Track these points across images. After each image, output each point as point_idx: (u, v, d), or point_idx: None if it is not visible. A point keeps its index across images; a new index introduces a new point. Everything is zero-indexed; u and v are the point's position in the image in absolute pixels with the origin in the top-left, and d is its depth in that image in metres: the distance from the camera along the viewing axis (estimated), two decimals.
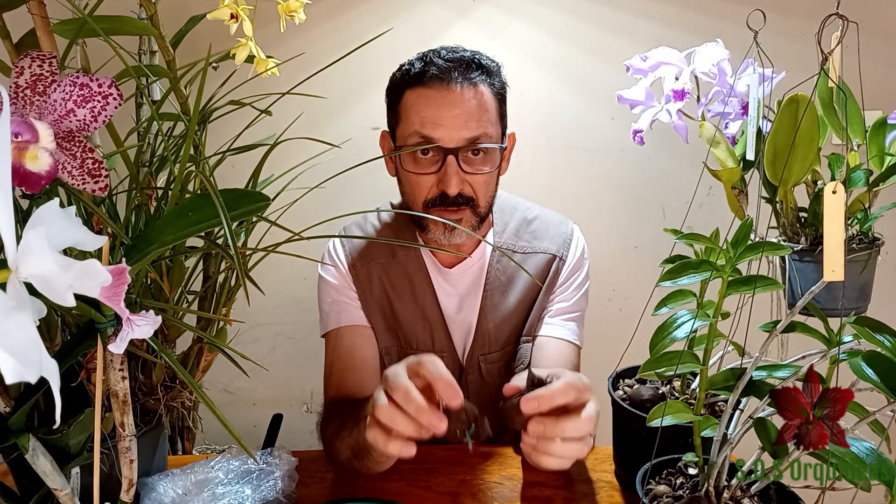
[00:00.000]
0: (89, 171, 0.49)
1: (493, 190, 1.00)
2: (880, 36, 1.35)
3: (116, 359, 0.57)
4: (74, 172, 0.48)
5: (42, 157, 0.45)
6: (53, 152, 0.46)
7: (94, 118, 0.48)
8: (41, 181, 0.45)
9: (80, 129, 0.48)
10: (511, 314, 1.05)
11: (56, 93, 0.47)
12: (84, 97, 0.47)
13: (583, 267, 1.07)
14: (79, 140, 0.48)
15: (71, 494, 0.61)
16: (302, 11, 0.72)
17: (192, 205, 0.54)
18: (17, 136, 0.44)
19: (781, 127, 0.73)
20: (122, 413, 0.59)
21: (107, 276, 0.40)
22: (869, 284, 0.81)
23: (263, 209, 0.56)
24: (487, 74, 0.96)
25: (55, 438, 0.61)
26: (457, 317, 1.06)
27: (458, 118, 0.92)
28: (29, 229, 0.37)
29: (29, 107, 0.46)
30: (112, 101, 0.48)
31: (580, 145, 1.44)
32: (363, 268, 1.05)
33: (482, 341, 1.05)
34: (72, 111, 0.47)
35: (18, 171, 0.44)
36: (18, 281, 0.37)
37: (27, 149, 0.44)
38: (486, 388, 1.07)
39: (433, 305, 1.05)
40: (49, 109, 0.47)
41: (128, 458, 0.61)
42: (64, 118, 0.47)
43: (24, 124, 0.45)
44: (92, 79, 0.48)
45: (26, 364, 0.32)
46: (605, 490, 0.90)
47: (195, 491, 0.74)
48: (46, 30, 0.56)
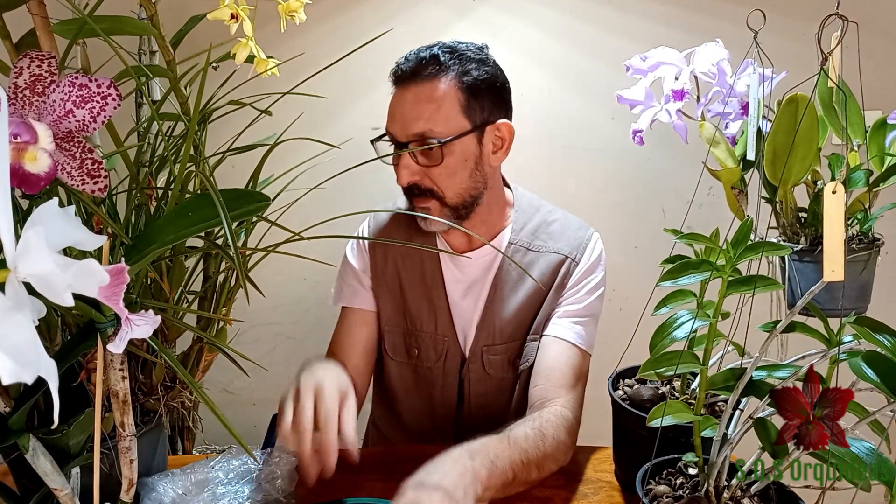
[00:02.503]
0: (88, 172, 0.49)
1: (461, 182, 0.99)
2: (880, 36, 1.35)
3: (116, 359, 0.57)
4: (74, 173, 0.48)
5: (41, 158, 0.45)
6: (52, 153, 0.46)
7: (94, 119, 0.48)
8: (40, 182, 0.45)
9: (79, 130, 0.48)
10: (519, 310, 1.05)
11: (55, 93, 0.47)
12: (83, 98, 0.47)
13: (596, 271, 1.06)
14: (78, 141, 0.48)
15: (71, 494, 0.61)
16: (302, 11, 0.72)
17: (192, 205, 0.54)
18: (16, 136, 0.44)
19: (781, 127, 0.73)
20: (122, 413, 0.59)
21: (105, 275, 0.40)
22: (869, 284, 0.81)
23: (263, 209, 0.56)
24: (452, 71, 0.96)
25: (55, 438, 0.61)
26: (461, 303, 1.07)
27: (406, 115, 0.97)
28: (28, 229, 0.37)
29: (28, 107, 0.46)
30: (111, 101, 0.48)
31: (580, 145, 1.44)
32: (381, 249, 1.09)
33: (487, 332, 1.06)
34: (71, 112, 0.47)
35: (18, 171, 0.44)
36: (17, 281, 0.37)
37: (26, 150, 0.44)
38: (488, 381, 1.07)
39: (440, 290, 1.07)
40: (48, 110, 0.47)
41: (128, 458, 0.61)
42: (63, 119, 0.47)
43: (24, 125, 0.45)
44: (91, 79, 0.48)
45: (24, 365, 0.32)
46: (605, 490, 0.90)
47: (195, 491, 0.74)
48: (46, 30, 0.56)
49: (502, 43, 1.38)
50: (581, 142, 1.43)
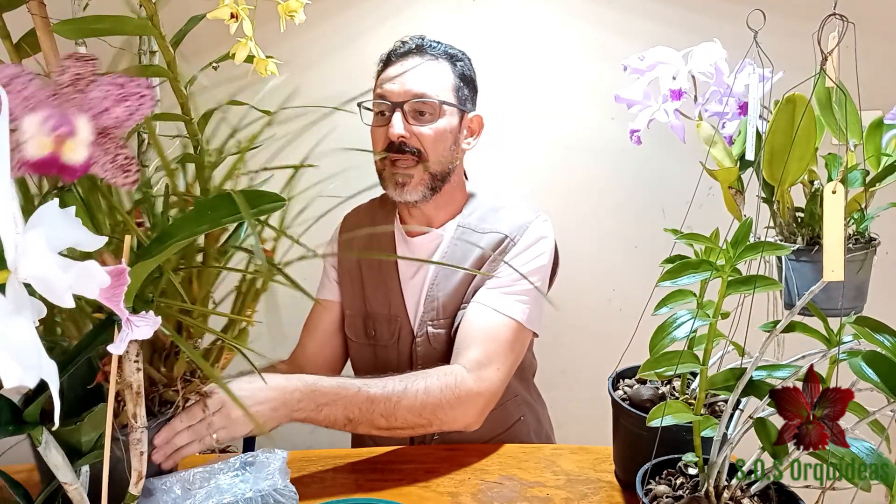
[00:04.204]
0: (121, 166, 0.51)
1: (444, 150, 1.09)
2: (879, 36, 1.35)
3: (132, 350, 0.58)
4: (107, 166, 0.51)
5: (79, 150, 0.47)
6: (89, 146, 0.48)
7: (129, 116, 0.50)
8: (76, 173, 0.47)
9: (114, 127, 0.50)
10: (459, 286, 1.11)
11: (95, 91, 0.49)
12: (121, 96, 0.50)
13: (534, 252, 1.11)
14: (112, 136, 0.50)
15: (80, 489, 0.61)
16: (302, 11, 0.72)
17: (210, 204, 0.57)
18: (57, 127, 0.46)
19: (779, 127, 0.73)
20: (135, 404, 0.60)
21: (106, 277, 0.40)
22: (865, 284, 0.81)
23: (278, 209, 0.57)
24: (449, 56, 1.12)
25: (66, 433, 0.62)
26: (411, 282, 1.15)
27: (407, 78, 1.07)
28: (28, 230, 0.37)
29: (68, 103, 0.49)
30: (147, 100, 0.50)
31: (580, 145, 1.44)
32: (345, 239, 1.22)
33: (430, 307, 1.12)
34: (108, 109, 0.49)
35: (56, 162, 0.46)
36: (18, 282, 0.37)
37: (66, 141, 0.47)
38: (433, 354, 1.11)
39: (392, 271, 1.16)
40: (87, 106, 0.49)
41: (138, 451, 0.61)
42: (101, 115, 0.50)
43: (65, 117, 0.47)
44: (129, 79, 0.50)
45: (26, 367, 0.32)
46: (605, 490, 0.90)
47: (194, 490, 0.74)
48: (46, 30, 0.56)
49: (502, 43, 1.38)
50: (581, 142, 1.44)
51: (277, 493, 0.75)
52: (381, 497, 0.86)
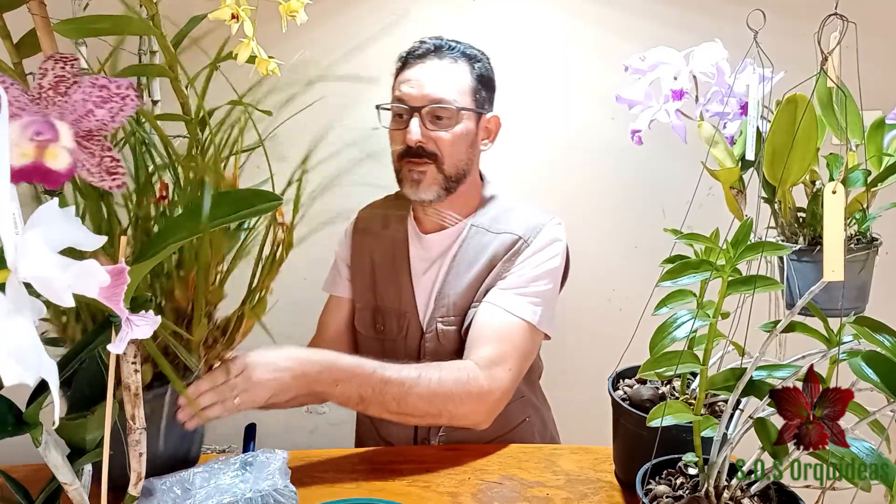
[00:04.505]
0: (107, 169, 0.51)
1: (459, 153, 1.10)
2: (880, 36, 1.35)
3: (129, 352, 0.58)
4: (93, 170, 0.51)
5: (61, 156, 0.47)
6: (73, 151, 0.48)
7: (113, 118, 0.50)
8: (60, 178, 0.47)
9: (98, 129, 0.50)
10: (471, 284, 1.11)
11: (77, 94, 0.49)
12: (103, 98, 0.49)
13: (547, 255, 1.11)
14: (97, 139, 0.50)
15: (81, 490, 0.61)
16: (303, 11, 0.72)
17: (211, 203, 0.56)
18: (38, 134, 0.46)
19: (780, 127, 0.73)
20: (133, 406, 0.60)
21: (105, 276, 0.40)
22: (867, 284, 0.81)
23: (275, 209, 0.57)
24: (468, 57, 1.11)
25: (71, 432, 0.62)
26: (422, 278, 1.16)
27: (426, 82, 1.07)
28: (28, 230, 0.37)
29: (51, 107, 0.49)
30: (130, 101, 0.50)
31: (580, 145, 1.44)
32: (359, 235, 1.23)
33: (441, 304, 1.13)
34: (91, 111, 0.49)
35: (40, 168, 0.46)
36: (18, 281, 0.37)
37: (47, 147, 0.46)
38: (442, 350, 1.12)
39: (404, 266, 1.17)
40: (70, 109, 0.49)
41: (137, 451, 0.61)
42: (84, 118, 0.49)
43: (46, 123, 0.47)
44: (111, 80, 0.50)
45: (26, 367, 0.32)
46: (605, 490, 0.90)
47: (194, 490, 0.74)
48: (47, 30, 0.56)
49: (502, 43, 1.38)
50: (581, 142, 1.43)
51: (277, 493, 0.75)
52: (381, 497, 0.86)
